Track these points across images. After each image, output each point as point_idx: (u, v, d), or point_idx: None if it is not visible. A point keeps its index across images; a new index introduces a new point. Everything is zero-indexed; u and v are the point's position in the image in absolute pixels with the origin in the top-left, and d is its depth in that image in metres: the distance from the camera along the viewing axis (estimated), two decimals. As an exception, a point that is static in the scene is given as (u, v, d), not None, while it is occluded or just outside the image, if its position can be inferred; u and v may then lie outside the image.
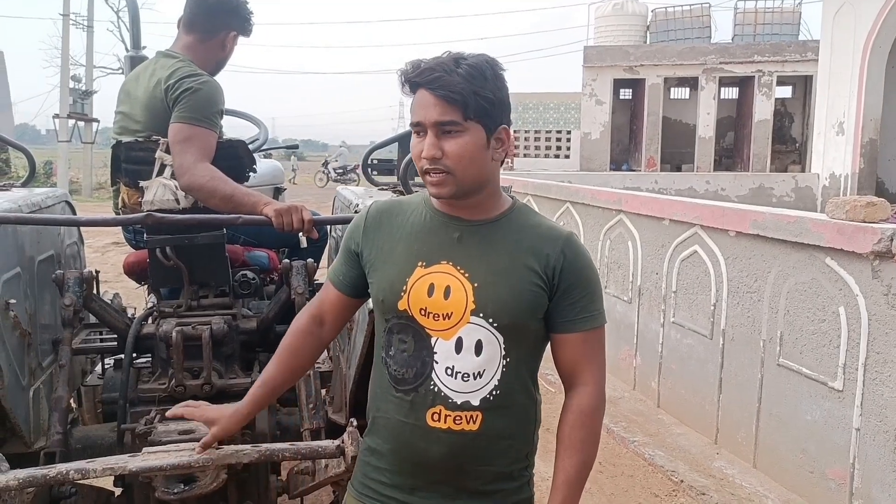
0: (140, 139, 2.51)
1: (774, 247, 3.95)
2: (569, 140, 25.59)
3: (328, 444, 1.95)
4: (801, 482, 3.78)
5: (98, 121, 22.83)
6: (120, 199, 2.57)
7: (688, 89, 21.98)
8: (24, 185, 3.09)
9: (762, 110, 20.00)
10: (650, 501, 3.93)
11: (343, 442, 1.89)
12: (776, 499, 3.81)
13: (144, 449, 1.90)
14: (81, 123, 21.20)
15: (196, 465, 1.79)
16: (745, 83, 20.77)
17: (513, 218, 1.60)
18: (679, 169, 20.19)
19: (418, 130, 1.52)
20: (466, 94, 1.48)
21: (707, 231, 4.58)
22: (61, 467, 1.82)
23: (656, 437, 4.66)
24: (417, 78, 1.51)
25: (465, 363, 1.52)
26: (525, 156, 25.13)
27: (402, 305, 1.55)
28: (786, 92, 21.60)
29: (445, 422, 1.53)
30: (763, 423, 4.07)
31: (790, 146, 21.59)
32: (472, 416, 1.53)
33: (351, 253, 1.68)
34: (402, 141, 2.97)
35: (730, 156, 21.72)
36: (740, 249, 4.26)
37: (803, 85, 21.03)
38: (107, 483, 2.22)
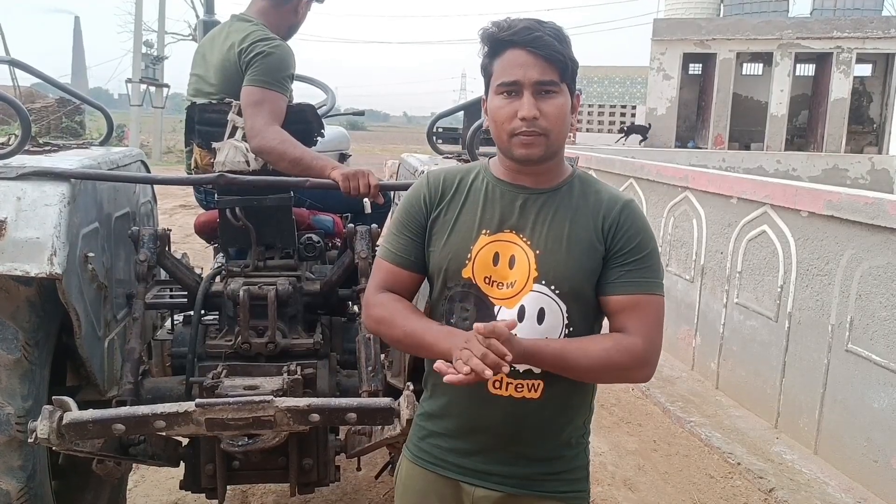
0: (213, 101, 2.56)
1: (849, 229, 3.81)
2: (633, 115, 25.14)
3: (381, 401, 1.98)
4: (864, 470, 3.68)
5: (168, 86, 23.36)
6: (193, 159, 2.62)
7: (761, 65, 21.28)
8: (101, 144, 3.19)
9: (839, 88, 19.25)
10: (705, 482, 3.88)
11: (398, 405, 1.91)
12: (837, 486, 3.72)
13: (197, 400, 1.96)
14: (153, 88, 21.73)
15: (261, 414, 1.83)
16: (822, 60, 20.00)
17: (575, 185, 1.58)
18: (748, 147, 19.65)
19: (510, 90, 1.48)
20: (566, 56, 1.48)
21: (777, 211, 4.45)
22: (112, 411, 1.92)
23: (713, 419, 4.59)
24: (514, 37, 1.46)
25: (528, 331, 1.51)
26: (588, 130, 24.76)
27: (465, 274, 1.54)
28: (865, 70, 20.73)
29: (507, 389, 1.53)
30: (827, 409, 3.97)
31: (867, 127, 20.75)
32: (533, 385, 1.53)
33: (415, 224, 1.62)
34: (469, 109, 2.95)
35: (802, 135, 21.01)
36: (812, 230, 4.12)
37: (884, 63, 20.14)
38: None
